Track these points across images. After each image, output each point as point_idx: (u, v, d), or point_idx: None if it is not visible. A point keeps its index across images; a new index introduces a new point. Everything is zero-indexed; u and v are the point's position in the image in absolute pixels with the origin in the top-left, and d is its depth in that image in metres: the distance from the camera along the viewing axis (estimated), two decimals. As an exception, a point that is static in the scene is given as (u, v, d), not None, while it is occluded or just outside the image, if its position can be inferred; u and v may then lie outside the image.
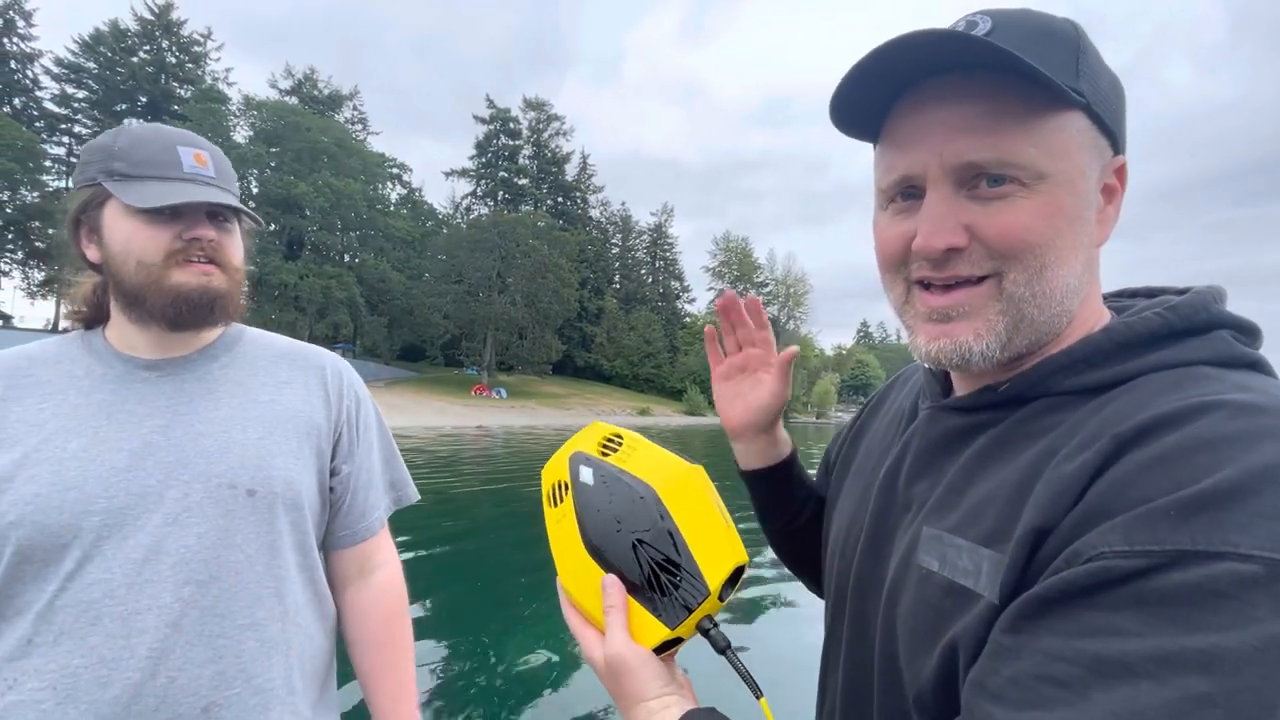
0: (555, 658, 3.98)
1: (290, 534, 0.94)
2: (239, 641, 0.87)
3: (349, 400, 1.06)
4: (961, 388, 0.56)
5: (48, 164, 38.15)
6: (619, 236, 73.33)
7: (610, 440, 0.66)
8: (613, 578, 0.57)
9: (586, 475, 0.63)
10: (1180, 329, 0.45)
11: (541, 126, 63.55)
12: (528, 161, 63.03)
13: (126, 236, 0.86)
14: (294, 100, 46.17)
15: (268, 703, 0.89)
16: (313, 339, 39.70)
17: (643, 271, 74.64)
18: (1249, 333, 0.46)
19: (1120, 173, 0.49)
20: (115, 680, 0.80)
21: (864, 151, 0.58)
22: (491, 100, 61.25)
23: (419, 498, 1.19)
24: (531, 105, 63.12)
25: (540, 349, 50.01)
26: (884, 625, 0.52)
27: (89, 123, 40.79)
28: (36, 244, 37.98)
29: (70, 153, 40.71)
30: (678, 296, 77.41)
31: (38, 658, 0.79)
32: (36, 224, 36.87)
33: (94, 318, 0.95)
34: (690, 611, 0.54)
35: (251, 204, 39.42)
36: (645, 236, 75.47)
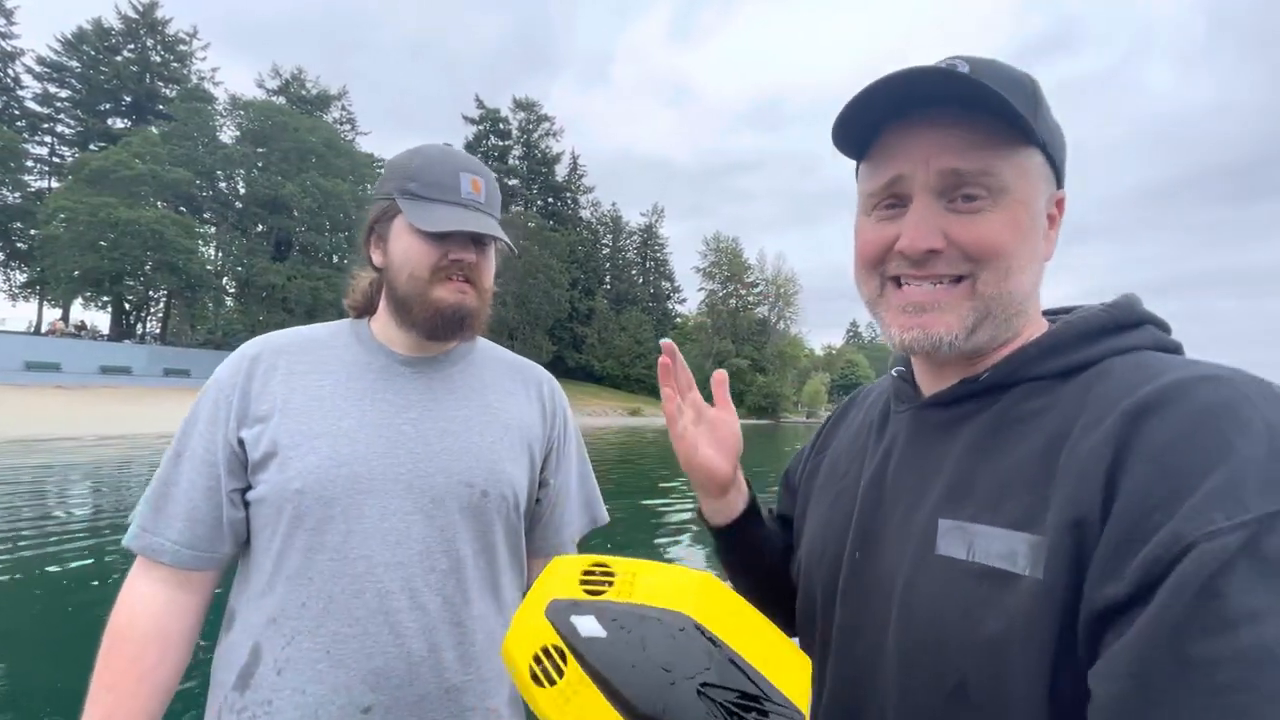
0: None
1: (508, 537, 1.01)
2: (471, 632, 0.94)
3: (560, 417, 1.13)
4: (932, 386, 0.60)
5: (29, 164, 37.65)
6: (609, 237, 73.31)
7: (594, 573, 0.54)
8: None
9: (589, 627, 0.50)
10: (1121, 323, 0.54)
11: (531, 127, 63.47)
12: (518, 162, 62.91)
13: (405, 249, 0.95)
14: (281, 100, 45.71)
15: (488, 691, 0.96)
16: (301, 340, 39.29)
17: (633, 272, 74.67)
18: (1164, 327, 0.55)
19: (1060, 204, 0.58)
20: (377, 652, 0.87)
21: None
22: (481, 101, 61.20)
23: (608, 519, 1.21)
24: (521, 106, 63.01)
25: (531, 350, 49.97)
26: (901, 618, 0.53)
27: (72, 122, 40.29)
28: (18, 245, 37.46)
29: (53, 152, 40.23)
30: (668, 297, 77.52)
31: (312, 620, 0.87)
32: (18, 225, 36.38)
33: (365, 309, 1.06)
34: None
35: (238, 204, 39.43)
36: (636, 237, 75.51)
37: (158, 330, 41.04)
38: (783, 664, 0.50)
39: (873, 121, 0.57)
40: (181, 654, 0.92)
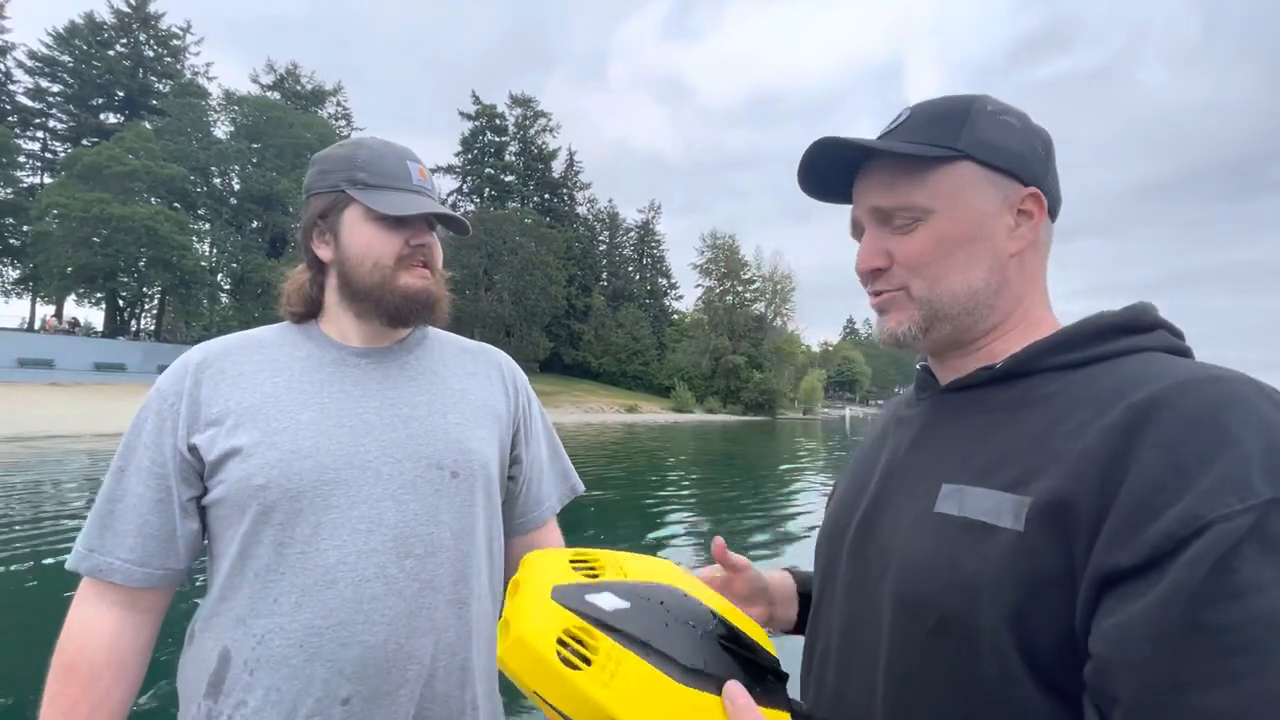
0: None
1: (484, 517, 1.00)
2: (448, 616, 0.93)
3: (523, 393, 1.14)
4: (952, 374, 0.68)
5: (21, 159, 37.34)
6: (606, 233, 73.17)
7: (581, 561, 0.56)
8: (734, 683, 0.50)
9: (611, 601, 0.50)
10: (1135, 325, 0.58)
11: (528, 123, 63.24)
12: (514, 158, 62.73)
13: (366, 239, 0.94)
14: (276, 96, 45.53)
15: (465, 680, 0.95)
16: (297, 337, 39.16)
17: (630, 268, 74.55)
18: (1176, 333, 0.60)
19: (1033, 199, 0.62)
20: (353, 642, 0.85)
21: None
22: (477, 96, 60.88)
23: (584, 488, 1.22)
24: (518, 101, 62.80)
25: (528, 347, 49.93)
26: (900, 570, 0.58)
27: (64, 117, 39.98)
28: (11, 241, 37.19)
29: (45, 148, 39.93)
30: (665, 293, 77.44)
31: (283, 616, 0.85)
32: (10, 221, 36.11)
33: (307, 314, 1.02)
34: (784, 684, 0.53)
35: (233, 200, 39.19)
36: (632, 233, 75.37)
37: (152, 327, 40.88)
38: (751, 629, 0.56)
39: (838, 178, 0.69)
40: (135, 677, 0.90)
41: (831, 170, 0.68)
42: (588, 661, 0.46)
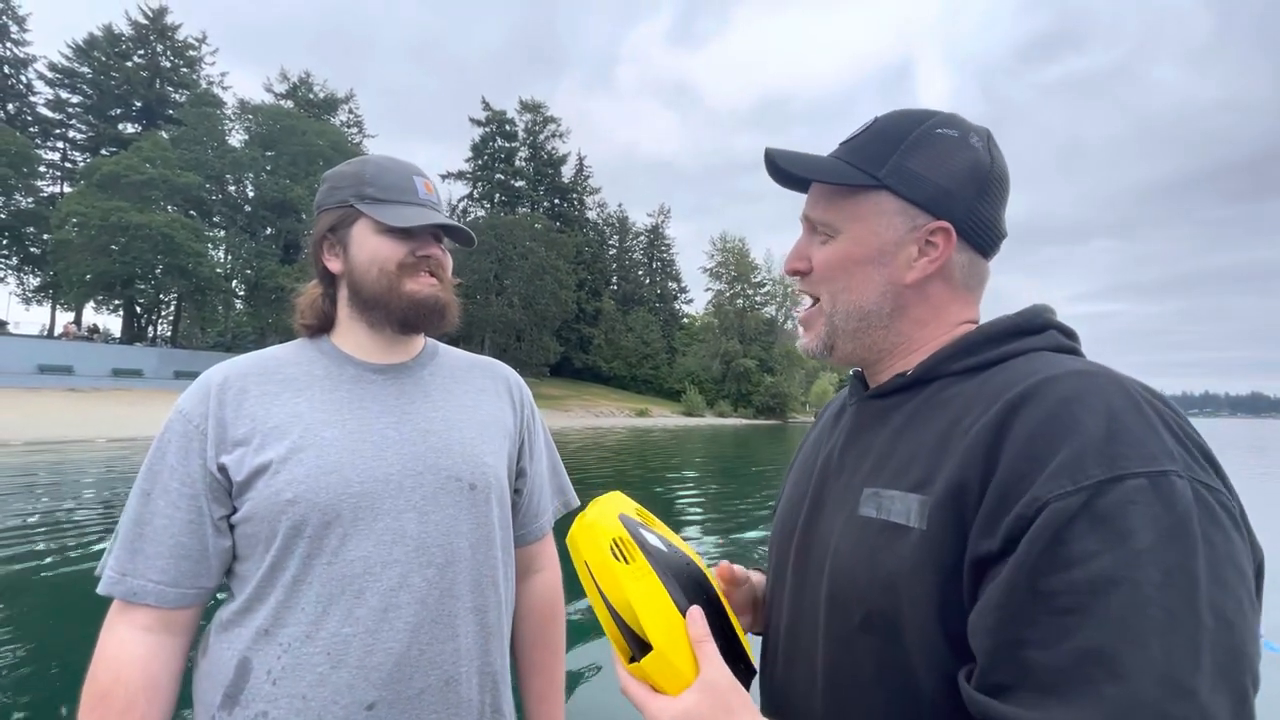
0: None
1: (500, 528, 1.04)
2: (468, 623, 0.97)
3: (528, 408, 1.18)
4: (875, 383, 0.72)
5: (42, 169, 38.01)
6: (616, 238, 73.32)
7: (642, 511, 0.72)
8: (698, 609, 0.61)
9: (653, 539, 0.66)
10: (1026, 328, 0.63)
11: (538, 128, 63.52)
12: (524, 163, 62.95)
13: (373, 249, 0.98)
14: (289, 104, 46.06)
15: (484, 684, 0.99)
16: (310, 343, 39.45)
17: (640, 272, 74.63)
18: (1068, 333, 0.64)
19: (941, 233, 0.65)
20: (378, 649, 0.89)
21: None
22: (487, 103, 61.22)
23: (578, 502, 1.25)
24: (527, 107, 63.09)
25: (538, 351, 50.02)
26: (831, 570, 0.63)
27: (83, 127, 40.66)
28: (31, 249, 37.83)
29: (65, 157, 40.63)
30: (675, 297, 77.43)
31: (310, 624, 0.88)
32: (31, 229, 36.74)
33: (320, 328, 1.06)
34: (752, 678, 0.62)
35: (247, 208, 39.66)
36: (642, 238, 75.49)
37: (168, 333, 41.39)
38: (739, 629, 0.66)
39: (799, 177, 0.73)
40: (170, 700, 0.90)
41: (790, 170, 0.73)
42: (628, 563, 0.63)
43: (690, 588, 0.64)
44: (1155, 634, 0.42)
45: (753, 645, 0.70)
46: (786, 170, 0.70)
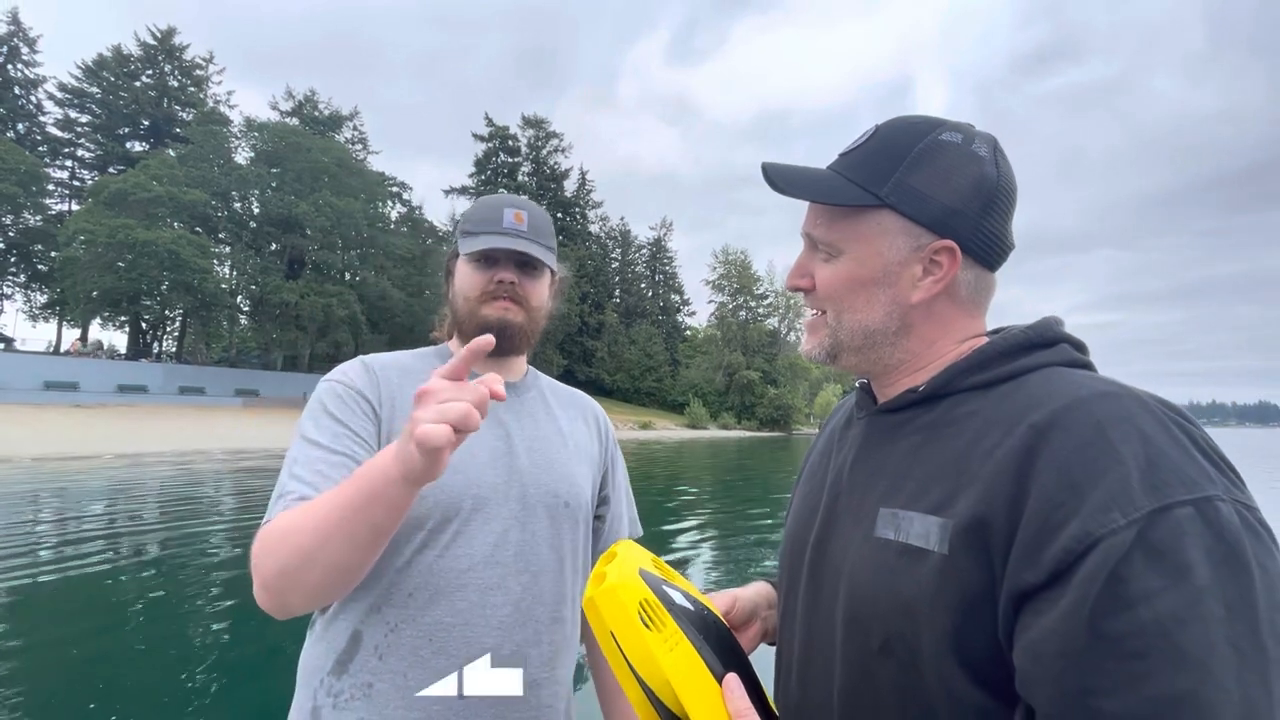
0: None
1: (583, 547, 1.11)
2: (551, 632, 1.01)
3: (611, 441, 1.26)
4: (884, 396, 0.71)
5: (51, 188, 38.45)
6: (618, 251, 73.65)
7: (662, 564, 0.70)
8: (734, 677, 0.59)
9: (678, 597, 0.63)
10: (1038, 342, 0.62)
11: (540, 143, 64.11)
12: (527, 178, 63.48)
13: (463, 279, 1.09)
14: (295, 121, 46.54)
15: (559, 693, 1.03)
16: (314, 358, 39.68)
17: (643, 285, 74.88)
18: (1080, 347, 0.63)
19: (946, 251, 0.62)
20: (475, 642, 0.94)
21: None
22: (490, 118, 61.93)
23: (642, 532, 1.31)
24: (530, 123, 63.72)
25: (541, 364, 49.07)
26: (848, 592, 0.61)
27: (92, 146, 41.21)
28: (39, 267, 38.17)
29: (73, 176, 41.10)
30: (678, 310, 77.61)
31: (416, 609, 0.93)
32: (39, 247, 37.09)
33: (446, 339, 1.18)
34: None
35: (252, 224, 39.98)
36: (645, 251, 75.81)
37: (174, 349, 41.59)
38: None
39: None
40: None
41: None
42: (659, 629, 0.59)
43: (721, 650, 0.62)
44: (1229, 672, 0.42)
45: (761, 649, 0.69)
46: (785, 189, 0.68)
